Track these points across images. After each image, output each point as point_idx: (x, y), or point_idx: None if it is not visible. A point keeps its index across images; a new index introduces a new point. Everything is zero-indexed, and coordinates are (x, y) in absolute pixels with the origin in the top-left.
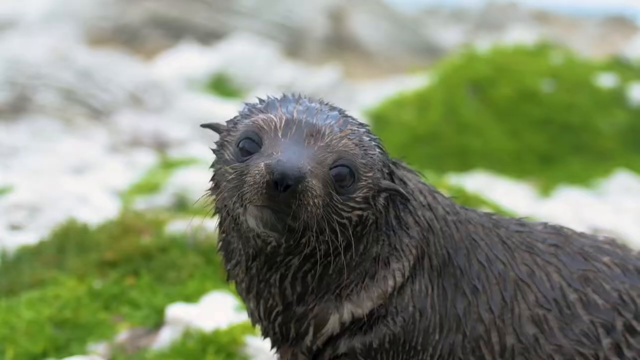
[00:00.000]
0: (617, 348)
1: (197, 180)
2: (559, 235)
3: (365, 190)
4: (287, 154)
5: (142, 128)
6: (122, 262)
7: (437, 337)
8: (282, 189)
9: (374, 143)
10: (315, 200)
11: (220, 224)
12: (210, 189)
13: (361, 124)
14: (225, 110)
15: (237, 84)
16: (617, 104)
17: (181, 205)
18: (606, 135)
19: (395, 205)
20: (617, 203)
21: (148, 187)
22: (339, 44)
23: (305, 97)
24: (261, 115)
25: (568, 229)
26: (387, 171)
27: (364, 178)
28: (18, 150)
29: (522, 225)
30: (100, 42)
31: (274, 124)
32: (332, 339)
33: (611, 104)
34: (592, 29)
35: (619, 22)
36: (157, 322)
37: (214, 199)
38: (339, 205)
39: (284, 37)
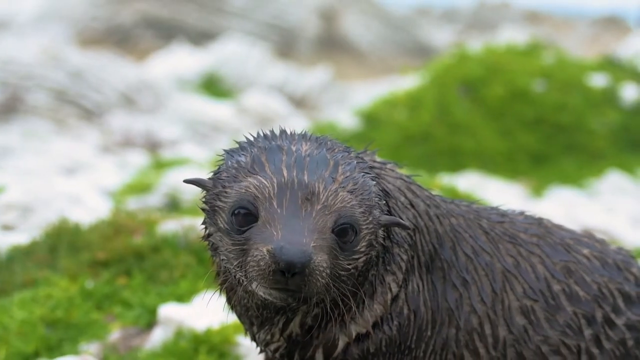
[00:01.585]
0: (597, 340)
1: None
2: (540, 226)
3: (367, 237)
4: (288, 234)
5: (134, 128)
6: (114, 262)
7: (429, 333)
8: (290, 275)
9: (367, 176)
10: (324, 274)
11: (223, 275)
12: (209, 250)
13: (347, 152)
14: (217, 110)
15: (229, 84)
16: (609, 103)
17: (173, 205)
18: (598, 135)
19: (390, 229)
20: (609, 203)
21: (140, 187)
22: (331, 44)
23: (287, 135)
24: (251, 180)
25: (547, 220)
26: (383, 202)
27: (364, 226)
28: (10, 150)
29: (502, 215)
30: (92, 42)
31: (267, 191)
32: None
33: (603, 103)
34: (584, 29)
35: (611, 23)
36: (150, 321)
37: (214, 259)
38: (345, 262)
39: (275, 37)
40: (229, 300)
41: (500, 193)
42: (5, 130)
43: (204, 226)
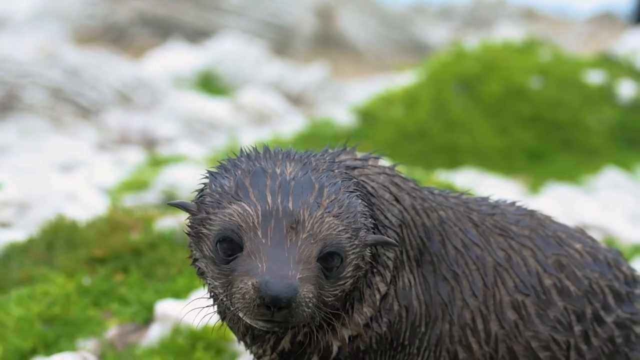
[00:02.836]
0: (586, 336)
1: (185, 177)
2: (532, 218)
3: (354, 262)
4: (273, 267)
5: (130, 126)
6: (111, 259)
7: (423, 329)
8: (276, 309)
9: (353, 196)
10: (310, 304)
11: (213, 297)
12: (197, 274)
13: (331, 171)
14: (213, 108)
15: (226, 82)
16: (606, 100)
17: None
18: (595, 132)
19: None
20: (606, 199)
21: (137, 185)
22: (327, 42)
23: (270, 155)
24: (235, 207)
25: (539, 212)
26: (369, 220)
27: (351, 252)
28: (7, 148)
29: (493, 207)
30: (89, 40)
31: (251, 219)
32: None
33: (600, 100)
34: (580, 26)
35: (607, 20)
36: (147, 318)
37: (204, 282)
38: (332, 289)
39: (272, 35)
40: (221, 318)
41: (497, 190)
42: (1, 128)
43: (190, 249)
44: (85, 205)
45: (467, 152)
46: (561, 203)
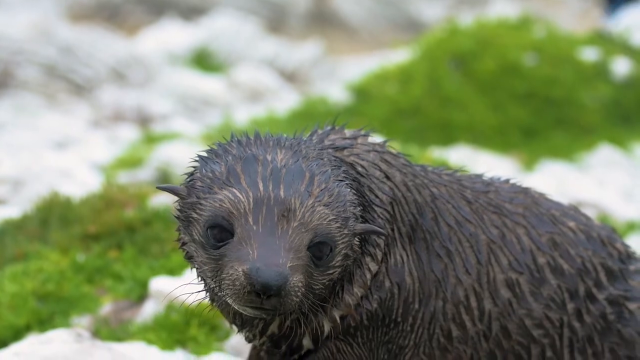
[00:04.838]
0: (579, 314)
1: (180, 154)
2: (526, 196)
3: (343, 251)
4: (264, 254)
5: (124, 103)
6: (105, 236)
7: (417, 305)
8: (265, 297)
9: (342, 184)
10: (299, 293)
11: (201, 280)
12: (184, 258)
13: (320, 159)
14: (207, 85)
15: (220, 59)
16: (601, 77)
17: (164, 179)
18: (589, 109)
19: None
20: (601, 177)
21: (131, 162)
22: (322, 20)
23: (261, 141)
24: (226, 193)
25: (534, 190)
26: (359, 210)
27: (340, 241)
28: (0, 125)
29: (487, 184)
30: (82, 17)
31: (242, 206)
32: None
33: (594, 77)
34: (574, 3)
35: None
36: (141, 295)
37: (191, 266)
38: (320, 278)
39: (266, 12)
40: (211, 301)
41: (491, 167)
42: None
43: (178, 233)
44: (80, 182)
45: (461, 129)
46: (556, 180)
